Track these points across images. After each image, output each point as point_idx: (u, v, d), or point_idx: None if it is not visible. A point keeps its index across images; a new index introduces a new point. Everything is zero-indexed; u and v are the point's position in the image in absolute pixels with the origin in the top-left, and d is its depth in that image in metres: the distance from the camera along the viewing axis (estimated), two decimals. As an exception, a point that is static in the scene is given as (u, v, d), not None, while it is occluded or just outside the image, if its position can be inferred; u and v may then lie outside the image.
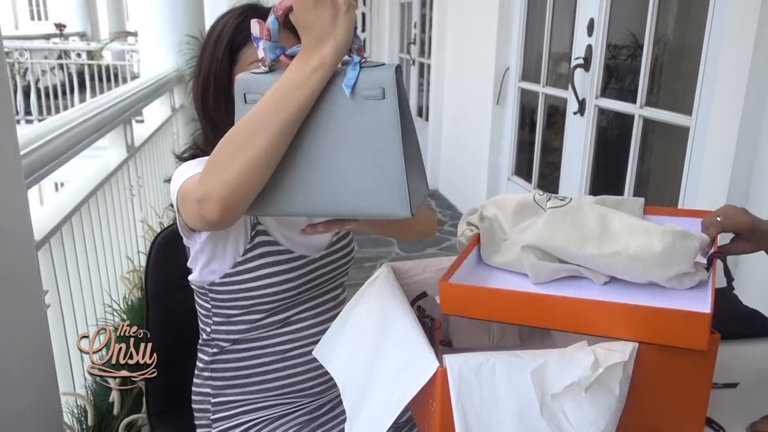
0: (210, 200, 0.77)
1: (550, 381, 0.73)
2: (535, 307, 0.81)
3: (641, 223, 0.90)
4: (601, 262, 0.87)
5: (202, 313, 1.14)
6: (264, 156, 0.75)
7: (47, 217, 1.71)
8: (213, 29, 1.08)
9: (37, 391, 1.19)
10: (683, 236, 0.86)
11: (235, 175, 0.76)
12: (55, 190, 6.37)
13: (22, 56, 8.09)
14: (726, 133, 1.77)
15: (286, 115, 0.75)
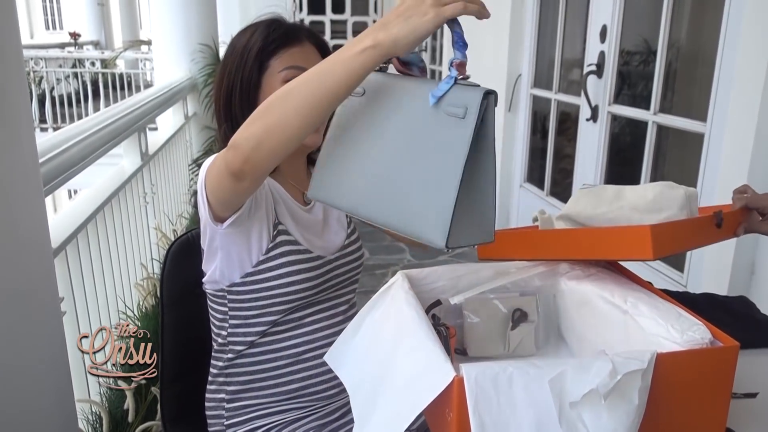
0: (236, 148, 0.82)
1: (568, 390, 0.73)
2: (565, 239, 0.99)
3: (649, 184, 1.05)
4: (609, 216, 1.00)
5: (217, 318, 1.14)
6: (290, 119, 0.77)
7: (63, 224, 1.73)
8: (238, 41, 1.12)
9: (53, 398, 1.20)
10: (670, 186, 1.01)
11: (259, 132, 0.79)
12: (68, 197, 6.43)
13: (37, 65, 8.20)
14: (742, 139, 1.76)
15: (321, 86, 0.76)
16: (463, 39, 0.76)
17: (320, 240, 1.16)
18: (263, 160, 0.82)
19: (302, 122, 0.77)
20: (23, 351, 1.08)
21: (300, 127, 0.78)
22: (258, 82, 1.09)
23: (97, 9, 13.58)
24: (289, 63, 1.08)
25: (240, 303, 1.10)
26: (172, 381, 1.24)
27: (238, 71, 1.09)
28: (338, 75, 0.75)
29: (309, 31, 1.15)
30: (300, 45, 1.11)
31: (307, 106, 0.76)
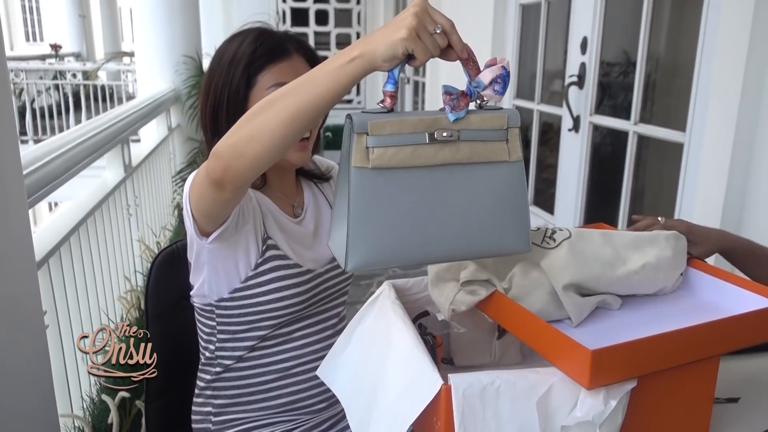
0: (218, 156, 0.82)
1: (554, 407, 0.74)
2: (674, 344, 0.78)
3: (636, 235, 0.96)
4: (634, 278, 0.91)
5: (204, 332, 1.13)
6: (274, 128, 0.76)
7: (46, 237, 1.71)
8: (224, 51, 1.09)
9: (36, 412, 1.19)
10: (677, 237, 0.96)
11: (242, 140, 0.79)
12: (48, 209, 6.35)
13: (17, 77, 8.11)
14: (720, 148, 1.79)
15: (306, 96, 0.75)
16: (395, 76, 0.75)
17: (311, 252, 1.15)
18: (245, 169, 0.81)
19: (285, 132, 0.77)
20: (5, 364, 1.07)
21: (283, 137, 0.77)
22: (245, 98, 1.07)
23: (78, 20, 13.49)
24: (278, 79, 1.06)
25: (228, 318, 1.09)
26: (157, 395, 1.23)
27: (225, 86, 1.06)
28: (324, 85, 0.74)
29: (298, 42, 1.13)
30: (288, 59, 1.08)
31: (291, 115, 0.76)
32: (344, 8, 7.22)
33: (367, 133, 0.73)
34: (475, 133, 0.77)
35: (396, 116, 0.75)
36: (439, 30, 0.72)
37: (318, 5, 7.14)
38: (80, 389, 1.78)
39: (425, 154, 0.75)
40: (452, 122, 0.75)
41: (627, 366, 0.75)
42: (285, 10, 7.01)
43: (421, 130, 0.75)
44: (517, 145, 0.79)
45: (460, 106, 0.76)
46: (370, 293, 0.98)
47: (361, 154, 0.73)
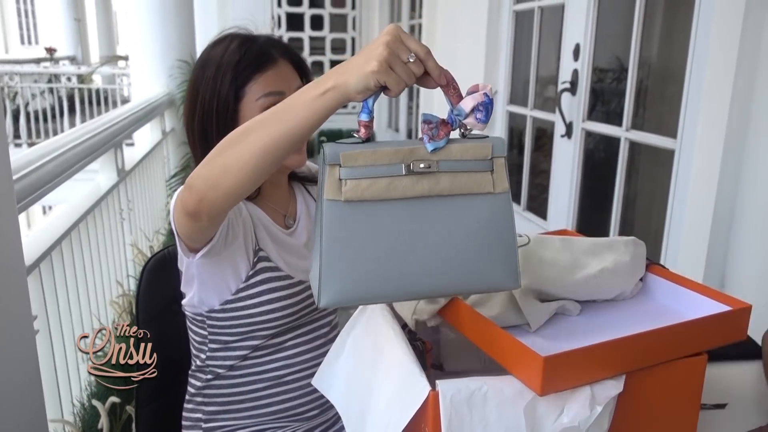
0: (192, 189, 0.80)
1: (540, 413, 0.74)
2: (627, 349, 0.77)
3: (594, 241, 0.97)
4: (592, 283, 0.90)
5: (196, 340, 1.13)
6: (248, 160, 0.74)
7: (37, 241, 1.71)
8: (207, 62, 1.06)
9: (25, 418, 1.18)
10: (635, 243, 0.96)
11: (216, 171, 0.77)
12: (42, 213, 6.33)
13: (12, 80, 8.09)
14: (710, 155, 1.80)
15: (281, 127, 0.73)
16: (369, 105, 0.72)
17: (303, 262, 1.13)
18: (219, 201, 0.80)
19: (259, 164, 0.75)
20: (-6, 370, 1.06)
21: (257, 169, 0.75)
22: (235, 110, 1.04)
23: (73, 24, 13.47)
24: (266, 89, 1.04)
25: (220, 329, 1.08)
26: (147, 400, 1.22)
27: (213, 99, 1.04)
28: (298, 117, 0.72)
29: (281, 46, 1.10)
30: (274, 66, 1.06)
31: (266, 147, 0.74)
32: (339, 13, 7.24)
33: (339, 165, 0.70)
34: (457, 164, 0.73)
35: (370, 147, 0.72)
36: (413, 59, 0.69)
37: (313, 10, 7.15)
38: (71, 394, 1.78)
39: (402, 186, 0.72)
40: (430, 152, 0.72)
41: (580, 372, 0.75)
42: (280, 15, 7.03)
43: (397, 161, 0.72)
44: (503, 176, 0.75)
45: (439, 136, 0.73)
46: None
47: (334, 186, 0.70)
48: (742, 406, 0.97)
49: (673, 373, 0.80)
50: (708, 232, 1.80)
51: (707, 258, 1.81)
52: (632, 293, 0.96)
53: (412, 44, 0.70)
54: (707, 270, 1.82)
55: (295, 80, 1.09)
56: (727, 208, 1.79)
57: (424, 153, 0.73)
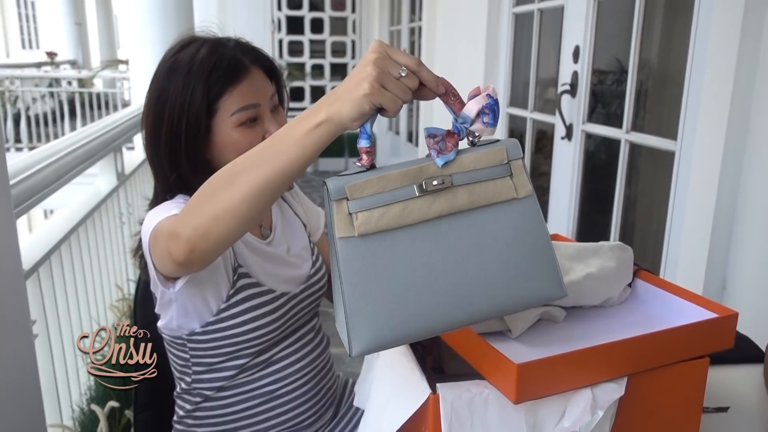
0: (179, 239, 0.74)
1: (542, 417, 0.74)
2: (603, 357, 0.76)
3: (580, 246, 0.96)
4: (575, 289, 0.89)
5: (178, 364, 1.09)
6: (240, 206, 0.70)
7: (37, 245, 1.70)
8: (174, 69, 0.97)
9: (24, 423, 1.18)
10: (622, 248, 0.95)
11: (207, 220, 0.72)
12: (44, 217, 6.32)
13: (12, 84, 8.10)
14: (710, 157, 1.80)
15: (273, 168, 0.68)
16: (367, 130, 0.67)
17: (285, 272, 1.10)
18: (211, 249, 0.74)
19: (252, 208, 0.70)
20: (-8, 376, 1.06)
21: (250, 212, 0.70)
22: (207, 126, 0.97)
23: (74, 28, 13.49)
24: (240, 103, 0.97)
25: (202, 351, 1.04)
26: (146, 404, 1.22)
27: (182, 115, 0.95)
28: (291, 155, 0.67)
29: (254, 53, 1.02)
30: (247, 76, 0.98)
31: (257, 190, 0.68)
32: (339, 17, 7.24)
33: (347, 198, 0.65)
34: (472, 175, 0.68)
35: (376, 173, 0.66)
36: (404, 73, 0.65)
37: (313, 13, 7.16)
38: (70, 399, 1.77)
39: (418, 208, 0.66)
40: (441, 167, 0.67)
41: (555, 380, 0.73)
42: (280, 18, 7.03)
43: (407, 183, 0.66)
44: (524, 179, 0.70)
45: (447, 148, 0.68)
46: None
47: (345, 222, 0.65)
48: (744, 410, 0.96)
49: (675, 376, 0.80)
50: (709, 234, 1.79)
51: (708, 261, 1.80)
52: (620, 299, 0.95)
53: (401, 58, 0.65)
54: (708, 273, 1.81)
55: (269, 89, 1.02)
56: (728, 210, 1.78)
57: (435, 169, 0.67)
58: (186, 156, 0.97)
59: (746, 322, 1.34)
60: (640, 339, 0.78)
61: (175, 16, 4.07)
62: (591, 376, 0.76)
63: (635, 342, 0.78)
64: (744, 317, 1.65)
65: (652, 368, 0.79)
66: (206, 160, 1.00)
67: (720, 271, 1.81)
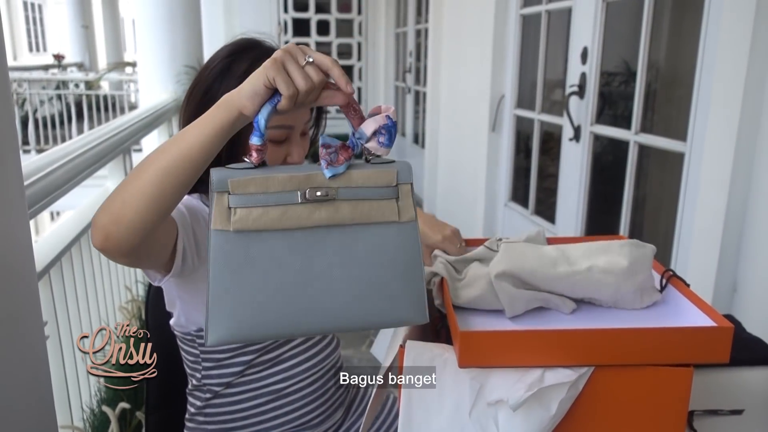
0: (95, 226, 0.75)
1: (489, 388, 0.78)
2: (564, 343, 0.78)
3: (593, 245, 0.95)
4: (576, 279, 0.89)
5: (189, 360, 1.11)
6: (145, 189, 0.71)
7: (47, 247, 1.71)
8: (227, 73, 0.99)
9: (35, 423, 1.18)
10: (637, 245, 0.93)
11: (116, 205, 0.73)
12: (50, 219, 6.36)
13: (20, 87, 8.14)
14: (721, 158, 1.79)
15: (176, 151, 0.70)
16: (260, 127, 0.69)
17: None
18: (125, 236, 0.73)
19: (157, 191, 0.70)
20: (5, 376, 1.06)
21: (156, 196, 0.71)
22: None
23: (81, 31, 13.55)
24: (277, 122, 0.96)
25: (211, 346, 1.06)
26: (157, 406, 1.22)
27: None
28: (193, 136, 0.69)
29: None
30: None
31: (162, 173, 0.70)
32: (345, 18, 7.25)
33: (228, 192, 0.67)
34: (358, 191, 0.69)
35: (263, 173, 0.68)
36: (310, 59, 0.66)
37: (319, 15, 7.17)
38: (80, 400, 1.78)
39: (297, 215, 0.67)
40: (329, 179, 0.68)
41: (502, 354, 0.77)
42: (287, 20, 7.05)
43: (291, 188, 0.68)
44: (409, 204, 0.71)
45: (338, 161, 0.69)
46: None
47: (222, 215, 0.66)
48: (759, 413, 0.95)
49: (652, 381, 0.79)
50: (719, 236, 1.79)
51: (719, 262, 1.80)
52: (643, 302, 0.92)
53: (314, 54, 0.67)
54: (719, 275, 1.80)
55: (307, 114, 1.03)
56: (739, 211, 1.77)
57: (322, 180, 0.69)
58: (225, 156, 0.98)
59: (758, 324, 1.33)
60: (599, 332, 0.79)
61: (183, 18, 4.09)
62: (544, 359, 0.78)
63: (594, 334, 0.79)
64: (756, 319, 1.65)
65: (619, 365, 0.79)
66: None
67: (731, 273, 1.81)
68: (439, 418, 0.78)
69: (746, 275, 1.77)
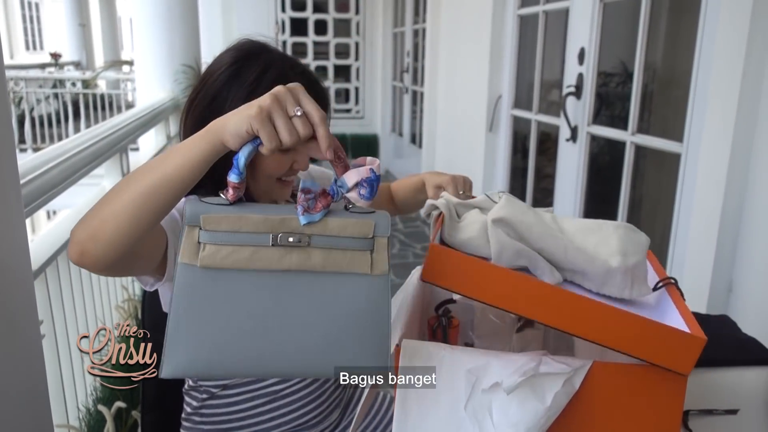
0: (72, 240, 0.75)
1: (483, 380, 0.78)
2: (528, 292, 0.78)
3: (589, 222, 0.94)
4: (569, 245, 0.88)
5: None
6: (125, 208, 0.70)
7: (44, 246, 1.71)
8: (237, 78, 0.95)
9: (31, 422, 1.18)
10: (632, 230, 0.92)
11: (95, 222, 0.72)
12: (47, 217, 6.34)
13: (17, 85, 8.12)
14: (717, 159, 1.80)
15: (158, 173, 0.70)
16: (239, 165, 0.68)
17: None
18: (102, 253, 0.72)
19: (137, 212, 0.70)
20: (0, 375, 1.06)
21: (134, 217, 0.70)
22: None
23: (78, 29, 13.51)
24: None
25: None
26: (153, 405, 1.22)
27: None
28: (176, 161, 0.69)
29: (314, 87, 0.98)
30: None
31: (143, 195, 0.69)
32: (343, 18, 7.25)
33: (200, 227, 0.66)
34: (332, 240, 0.68)
35: (237, 211, 0.67)
36: (299, 113, 0.65)
37: (317, 15, 7.17)
38: (76, 399, 1.78)
39: (267, 257, 0.67)
40: (303, 225, 0.67)
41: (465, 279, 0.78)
42: (284, 20, 7.04)
43: (264, 230, 0.67)
44: (383, 257, 0.70)
45: (316, 208, 0.68)
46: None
47: (191, 249, 0.66)
48: (754, 413, 0.96)
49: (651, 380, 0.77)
50: (715, 236, 1.79)
51: (714, 263, 1.80)
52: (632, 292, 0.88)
53: (307, 104, 0.66)
54: (714, 275, 1.81)
55: None
56: (735, 212, 1.78)
57: (297, 225, 0.68)
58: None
59: (754, 324, 1.34)
60: (566, 294, 0.78)
61: (180, 17, 4.09)
62: (507, 301, 0.78)
63: (561, 294, 0.78)
64: (751, 319, 1.66)
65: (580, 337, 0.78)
66: None
67: (727, 273, 1.81)
68: (435, 414, 0.78)
69: (742, 275, 1.78)
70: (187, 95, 1.04)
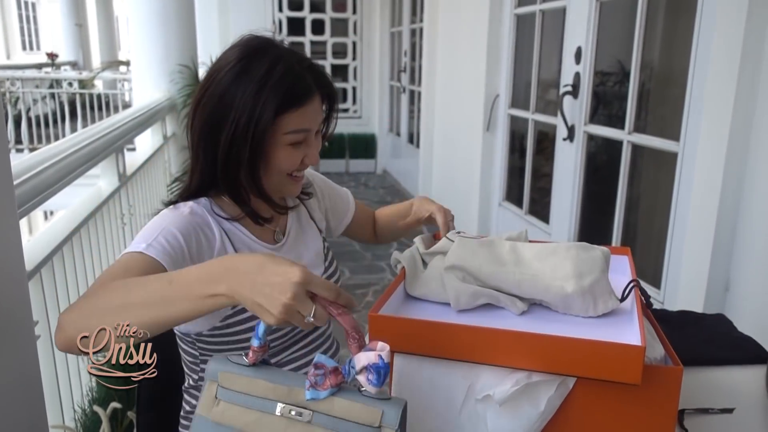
0: (61, 330, 0.76)
1: (480, 386, 0.78)
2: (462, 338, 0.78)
3: (546, 246, 0.95)
4: (521, 278, 0.89)
5: (188, 360, 1.10)
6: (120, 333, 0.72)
7: (39, 246, 1.70)
8: (247, 73, 0.94)
9: (26, 423, 1.17)
10: (584, 248, 0.92)
11: (87, 324, 0.73)
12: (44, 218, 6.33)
13: (13, 85, 8.10)
14: (714, 157, 1.80)
15: (163, 314, 0.72)
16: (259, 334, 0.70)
17: None
18: (91, 348, 0.73)
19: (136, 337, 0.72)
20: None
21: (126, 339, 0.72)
22: (264, 138, 0.96)
23: (75, 29, 13.48)
24: (297, 126, 0.97)
25: (211, 351, 1.05)
26: (149, 405, 1.22)
27: (251, 123, 0.94)
28: (185, 308, 0.71)
29: (323, 80, 1.01)
30: (311, 101, 0.98)
31: (145, 326, 0.71)
32: (340, 18, 7.25)
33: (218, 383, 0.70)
34: (336, 422, 0.65)
35: (251, 373, 0.70)
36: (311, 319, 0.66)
37: (314, 15, 7.17)
38: (72, 400, 1.77)
39: (271, 424, 0.67)
40: (308, 401, 0.66)
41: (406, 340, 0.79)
42: (281, 19, 7.04)
43: (272, 397, 0.68)
44: None
45: (324, 385, 0.66)
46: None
47: (208, 402, 0.70)
48: (750, 411, 0.96)
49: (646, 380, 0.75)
50: (712, 235, 1.79)
51: (711, 262, 1.80)
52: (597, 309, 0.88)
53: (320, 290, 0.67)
54: (711, 274, 1.81)
55: (321, 115, 1.03)
56: (731, 211, 1.78)
57: (303, 398, 0.67)
58: (248, 166, 0.97)
59: (750, 324, 1.34)
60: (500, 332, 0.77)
61: (176, 16, 4.08)
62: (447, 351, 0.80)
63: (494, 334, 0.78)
64: (748, 318, 1.66)
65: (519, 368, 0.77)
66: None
67: (723, 272, 1.81)
68: (432, 418, 0.78)
69: (738, 274, 1.78)
70: (184, 95, 1.04)
